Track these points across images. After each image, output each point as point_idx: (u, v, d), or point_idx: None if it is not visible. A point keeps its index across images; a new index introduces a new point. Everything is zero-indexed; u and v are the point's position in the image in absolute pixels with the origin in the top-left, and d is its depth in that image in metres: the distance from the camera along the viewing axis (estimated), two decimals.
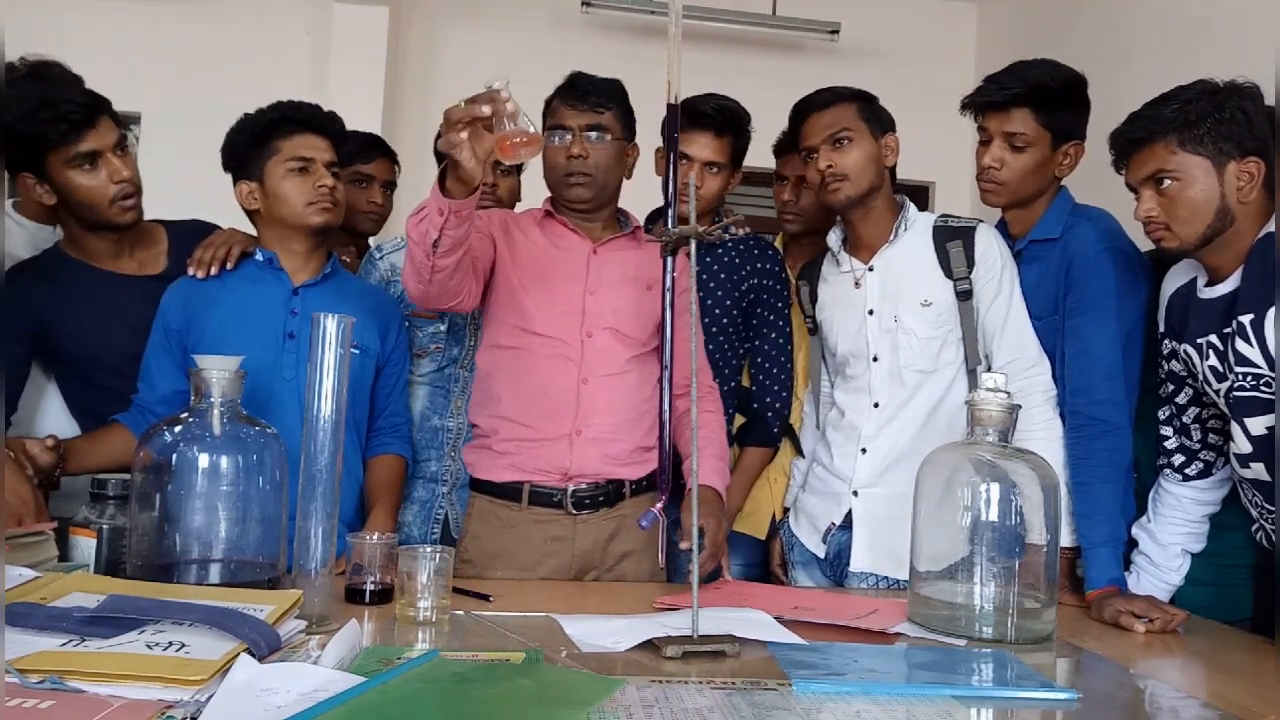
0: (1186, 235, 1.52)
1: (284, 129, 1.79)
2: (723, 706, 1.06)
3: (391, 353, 1.92)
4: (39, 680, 0.95)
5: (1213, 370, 1.56)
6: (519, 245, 1.82)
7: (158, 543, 1.37)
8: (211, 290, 1.79)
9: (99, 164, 1.75)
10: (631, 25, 4.01)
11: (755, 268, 2.13)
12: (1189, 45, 2.88)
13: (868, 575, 1.86)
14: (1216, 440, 1.68)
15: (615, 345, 1.79)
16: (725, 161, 2.09)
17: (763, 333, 2.15)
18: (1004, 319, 1.81)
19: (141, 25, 3.75)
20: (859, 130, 1.84)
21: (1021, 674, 1.24)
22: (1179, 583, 1.71)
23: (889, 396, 1.87)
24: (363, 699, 0.96)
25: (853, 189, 1.84)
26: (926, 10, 4.30)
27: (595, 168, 1.78)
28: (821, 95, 1.89)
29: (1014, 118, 1.81)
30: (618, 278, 1.81)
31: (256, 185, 1.80)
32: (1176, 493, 1.71)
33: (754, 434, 2.16)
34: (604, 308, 1.79)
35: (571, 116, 1.78)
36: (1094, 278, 1.74)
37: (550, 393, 1.76)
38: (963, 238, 1.84)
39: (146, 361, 1.79)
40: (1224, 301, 1.53)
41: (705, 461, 1.77)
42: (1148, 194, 1.54)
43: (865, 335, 1.89)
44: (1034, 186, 1.85)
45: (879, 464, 1.87)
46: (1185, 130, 1.49)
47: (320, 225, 1.80)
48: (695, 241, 1.36)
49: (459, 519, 2.08)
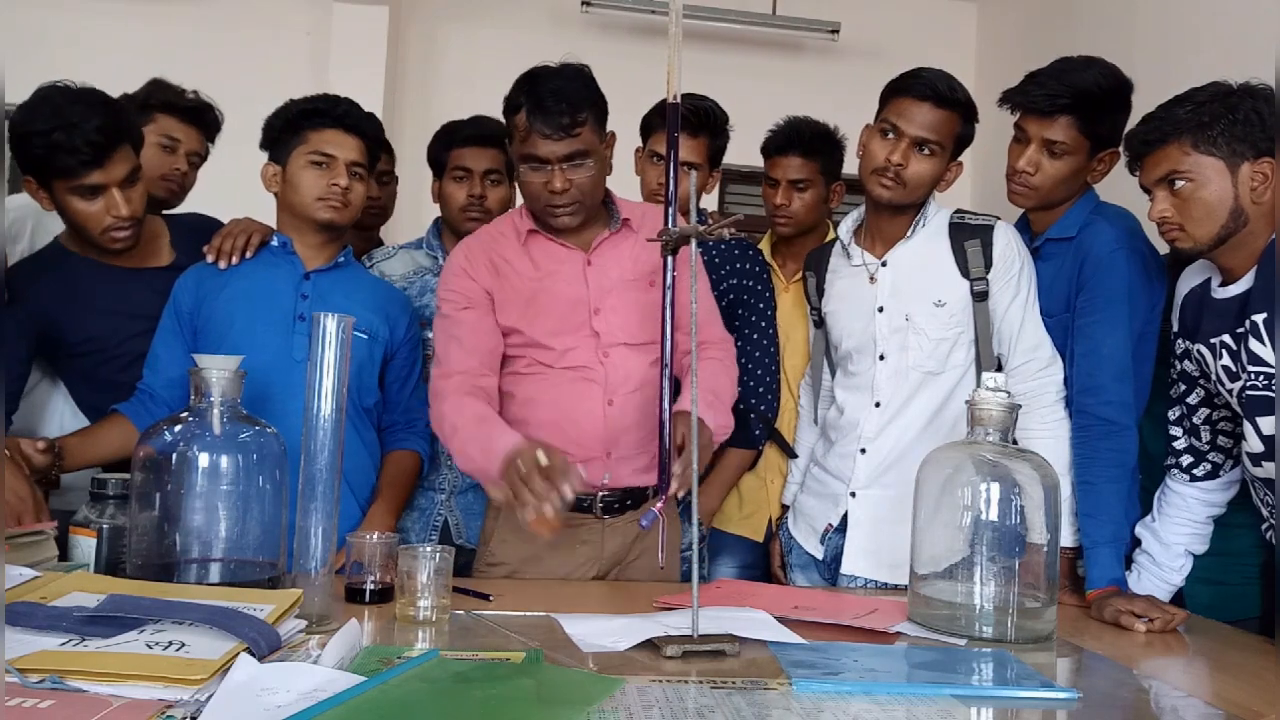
0: (1200, 236, 1.52)
1: (317, 121, 1.80)
2: (723, 706, 1.06)
3: (401, 344, 1.92)
4: (39, 680, 0.95)
5: (1226, 370, 1.56)
6: (512, 284, 1.73)
7: (158, 542, 1.37)
8: (224, 274, 1.81)
9: (100, 196, 1.74)
10: (631, 25, 4.01)
11: (736, 268, 2.12)
12: (1189, 45, 2.88)
13: (860, 580, 1.85)
14: (1226, 443, 1.67)
15: (632, 359, 1.72)
16: (702, 161, 2.09)
17: (745, 333, 2.13)
18: (1021, 320, 1.79)
19: (141, 25, 3.75)
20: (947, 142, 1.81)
21: (1022, 674, 1.24)
22: (1179, 583, 1.71)
23: (891, 395, 1.84)
24: (363, 699, 0.96)
25: (911, 196, 1.82)
26: (926, 10, 4.31)
27: (581, 193, 1.67)
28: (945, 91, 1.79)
29: (1057, 125, 1.77)
30: (619, 285, 1.74)
31: (280, 169, 1.82)
32: (1183, 493, 1.71)
33: (736, 435, 2.14)
34: (612, 325, 1.72)
35: (547, 147, 1.62)
36: (1106, 277, 1.73)
37: (577, 418, 1.71)
38: (981, 236, 1.81)
39: (154, 347, 1.80)
40: (1237, 302, 1.53)
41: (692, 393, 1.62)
42: (1161, 195, 1.54)
43: (873, 332, 1.86)
44: (1065, 192, 1.83)
45: (878, 465, 1.85)
46: (1199, 131, 1.48)
47: (325, 222, 1.81)
48: (695, 240, 1.36)
49: (458, 525, 2.08)
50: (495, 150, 2.19)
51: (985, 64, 4.18)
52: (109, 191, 1.74)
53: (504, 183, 2.23)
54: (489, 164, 2.19)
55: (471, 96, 2.31)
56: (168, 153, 2.19)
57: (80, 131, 1.67)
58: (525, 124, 1.63)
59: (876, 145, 1.81)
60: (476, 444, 1.56)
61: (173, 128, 2.20)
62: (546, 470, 1.38)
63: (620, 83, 1.92)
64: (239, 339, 1.70)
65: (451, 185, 2.21)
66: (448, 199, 2.22)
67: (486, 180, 2.19)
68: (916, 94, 1.77)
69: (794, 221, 2.28)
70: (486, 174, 2.19)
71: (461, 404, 1.63)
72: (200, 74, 3.16)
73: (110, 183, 1.73)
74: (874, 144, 1.82)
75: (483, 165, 2.18)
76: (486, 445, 1.53)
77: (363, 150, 1.83)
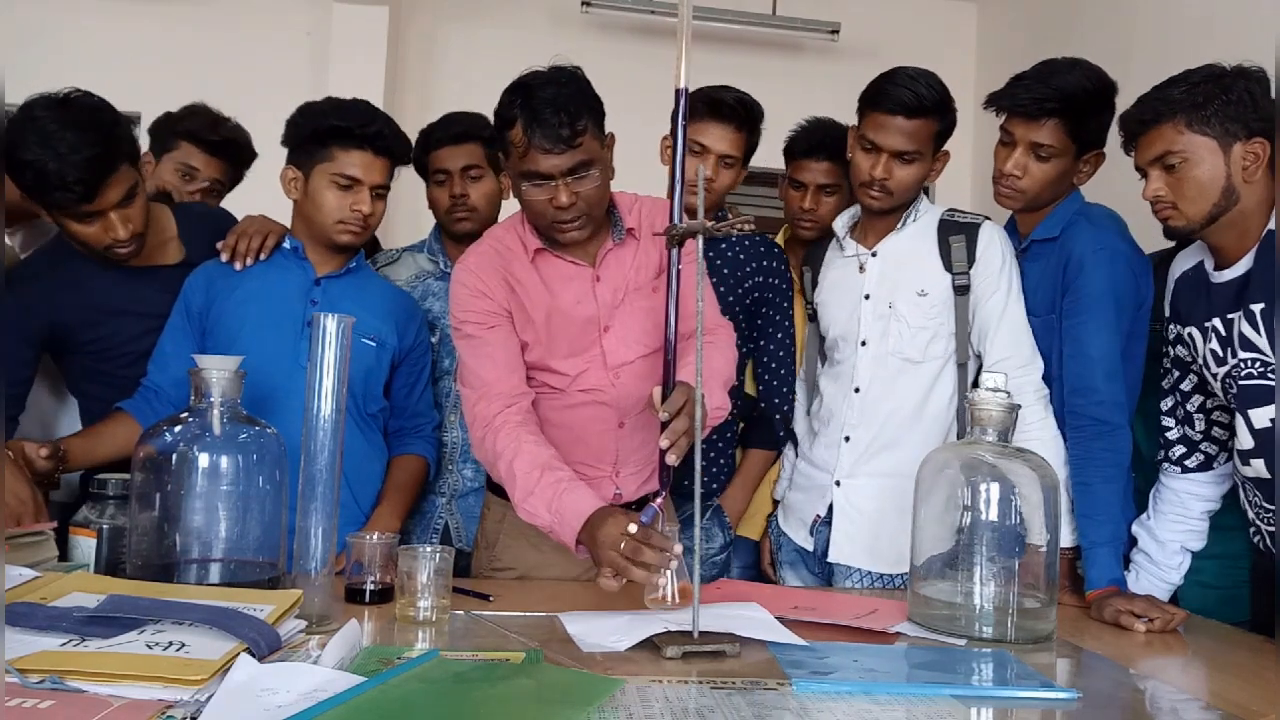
0: (1193, 214, 1.53)
1: (347, 141, 1.75)
2: (723, 706, 1.06)
3: (410, 350, 1.91)
4: (39, 680, 0.95)
5: (1213, 354, 1.56)
6: (527, 307, 1.67)
7: (158, 542, 1.37)
8: (235, 274, 1.80)
9: (97, 220, 1.69)
10: (631, 25, 4.01)
11: (760, 265, 2.11)
12: (1189, 45, 2.88)
13: (848, 569, 1.86)
14: (1220, 434, 1.68)
15: (642, 379, 1.66)
16: (739, 156, 2.07)
17: (768, 333, 2.13)
18: (999, 316, 1.81)
19: (141, 25, 3.75)
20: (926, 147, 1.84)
21: (1021, 674, 1.24)
22: (1178, 581, 1.71)
23: (870, 381, 1.87)
24: (363, 699, 0.96)
25: (901, 200, 1.87)
26: (926, 10, 4.30)
27: (588, 205, 1.59)
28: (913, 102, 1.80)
29: (1044, 128, 1.78)
30: (625, 295, 1.69)
31: (301, 178, 1.79)
32: (1175, 488, 1.71)
33: (758, 436, 2.15)
34: (621, 343, 1.68)
35: (549, 162, 1.52)
36: (1089, 279, 1.74)
37: (587, 439, 1.69)
38: (966, 233, 1.85)
39: (161, 343, 1.78)
40: (1234, 286, 1.54)
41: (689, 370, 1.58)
42: (1155, 174, 1.56)
43: (858, 319, 1.90)
44: (1052, 194, 1.84)
45: (860, 452, 1.87)
46: (1193, 111, 1.51)
47: (343, 245, 1.81)
48: (702, 238, 1.34)
49: (460, 527, 2.07)
50: (471, 145, 2.15)
51: (985, 64, 4.18)
52: (106, 217, 1.69)
53: (486, 175, 2.18)
54: (466, 160, 2.15)
55: (471, 96, 2.31)
56: (185, 180, 2.17)
57: (71, 165, 1.59)
58: (523, 139, 1.52)
59: (860, 159, 1.85)
60: (542, 501, 1.50)
61: (194, 157, 2.18)
62: (643, 536, 1.35)
63: (620, 83, 1.92)
64: (248, 343, 1.68)
65: (435, 189, 2.19)
66: (434, 203, 2.21)
67: (466, 177, 2.15)
68: (887, 109, 1.79)
69: (820, 226, 2.26)
70: (465, 171, 2.15)
71: (520, 445, 1.54)
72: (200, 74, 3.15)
73: (106, 208, 1.68)
74: (858, 157, 1.86)
75: (459, 163, 2.15)
76: (555, 505, 1.48)
77: (388, 170, 1.81)
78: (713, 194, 2.05)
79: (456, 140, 2.15)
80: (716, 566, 2.07)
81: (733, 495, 2.12)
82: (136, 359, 1.80)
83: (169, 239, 1.90)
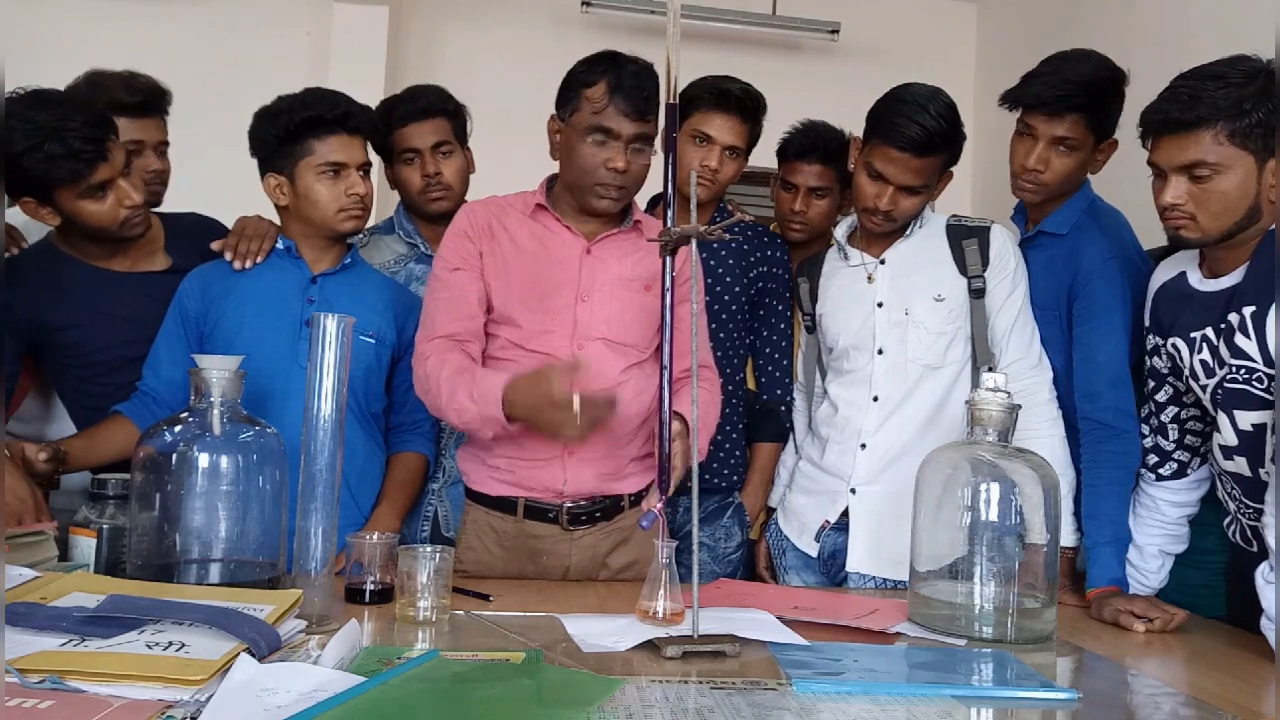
0: (1212, 229, 1.44)
1: (320, 130, 1.75)
2: (723, 706, 1.06)
3: (409, 344, 1.89)
4: (39, 680, 0.95)
5: (1202, 364, 1.54)
6: (505, 252, 1.70)
7: (158, 542, 1.37)
8: (230, 277, 1.80)
9: (110, 192, 1.72)
10: (631, 25, 4.00)
11: (764, 255, 2.12)
12: (1189, 45, 2.87)
13: (865, 577, 1.85)
14: (1193, 442, 1.67)
15: (609, 356, 1.67)
16: (744, 147, 2.06)
17: (770, 323, 2.14)
18: (1014, 319, 1.83)
19: (141, 25, 3.74)
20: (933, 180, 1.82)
21: (1021, 674, 1.24)
22: (1159, 585, 1.71)
23: (889, 390, 1.86)
24: (363, 699, 0.96)
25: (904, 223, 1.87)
26: (926, 10, 4.30)
27: (633, 181, 1.67)
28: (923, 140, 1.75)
29: (1066, 122, 1.77)
30: (613, 280, 1.70)
31: (286, 181, 1.78)
32: (1152, 494, 1.71)
33: (767, 428, 2.15)
34: (595, 316, 1.68)
35: (623, 125, 1.61)
36: (1100, 287, 1.75)
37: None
38: (978, 237, 1.86)
39: (156, 347, 1.78)
40: (1223, 296, 1.51)
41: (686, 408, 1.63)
42: (1177, 180, 1.44)
43: (872, 327, 1.88)
44: (1071, 185, 1.84)
45: (879, 460, 1.86)
46: (1237, 120, 1.37)
47: (349, 232, 1.81)
48: (696, 241, 1.35)
49: (449, 515, 2.06)
50: (438, 119, 2.10)
51: (985, 64, 4.18)
52: (117, 184, 1.71)
53: (456, 150, 2.12)
54: (436, 137, 2.09)
55: (471, 96, 2.31)
56: (136, 157, 2.01)
57: (72, 134, 1.63)
58: (604, 97, 1.61)
59: (865, 185, 1.82)
60: (465, 393, 1.55)
61: (130, 129, 1.99)
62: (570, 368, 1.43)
63: None
64: (247, 343, 1.68)
65: (404, 169, 2.11)
66: (404, 184, 2.13)
67: (438, 154, 2.09)
68: (897, 145, 1.74)
69: (809, 228, 2.26)
70: (436, 148, 2.09)
71: (442, 361, 1.61)
72: (200, 74, 3.15)
73: (115, 174, 1.71)
74: (862, 181, 1.82)
75: (430, 140, 2.08)
76: (475, 392, 1.53)
77: (365, 147, 1.82)
78: (717, 185, 2.06)
79: (426, 115, 2.10)
80: (732, 564, 2.07)
81: (752, 492, 2.13)
82: (115, 365, 1.79)
83: (156, 247, 1.90)
